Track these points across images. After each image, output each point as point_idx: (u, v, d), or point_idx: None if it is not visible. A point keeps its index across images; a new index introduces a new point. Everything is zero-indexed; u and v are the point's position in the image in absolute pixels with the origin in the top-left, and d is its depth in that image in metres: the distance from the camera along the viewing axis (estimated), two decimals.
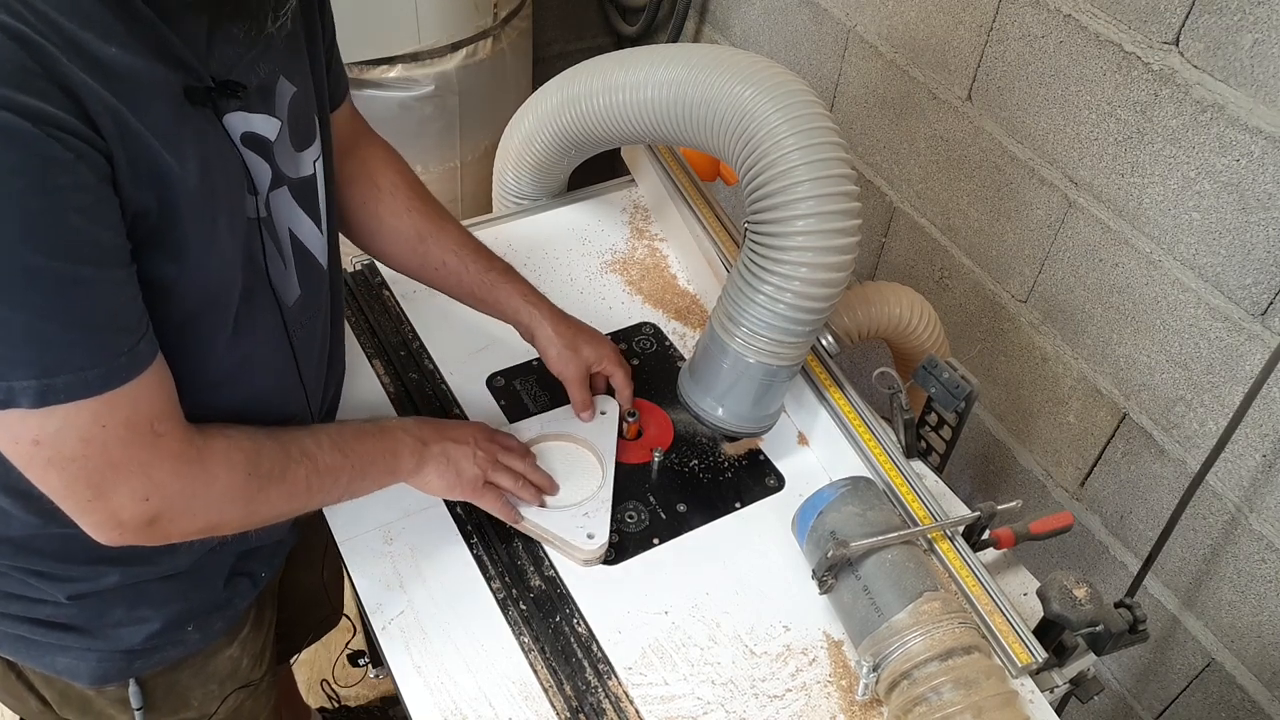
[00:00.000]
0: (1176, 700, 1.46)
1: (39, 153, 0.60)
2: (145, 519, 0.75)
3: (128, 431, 0.71)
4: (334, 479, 0.89)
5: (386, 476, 0.96)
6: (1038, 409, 1.55)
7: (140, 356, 0.70)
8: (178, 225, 0.71)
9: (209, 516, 0.80)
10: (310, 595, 1.32)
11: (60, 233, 0.62)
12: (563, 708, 0.92)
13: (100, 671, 0.94)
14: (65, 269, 0.63)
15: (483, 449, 1.02)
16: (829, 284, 1.00)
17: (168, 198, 0.69)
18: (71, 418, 0.68)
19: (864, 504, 1.00)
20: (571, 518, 1.05)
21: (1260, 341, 1.18)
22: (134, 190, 0.67)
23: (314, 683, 1.82)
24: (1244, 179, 1.14)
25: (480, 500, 1.02)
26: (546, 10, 2.33)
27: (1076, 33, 1.29)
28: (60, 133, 0.61)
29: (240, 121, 0.78)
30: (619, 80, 1.12)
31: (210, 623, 0.99)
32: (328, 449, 0.89)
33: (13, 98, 0.58)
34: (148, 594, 0.92)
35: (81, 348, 0.66)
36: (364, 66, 1.82)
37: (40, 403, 0.66)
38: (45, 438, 0.68)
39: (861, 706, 0.94)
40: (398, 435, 0.96)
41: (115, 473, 0.72)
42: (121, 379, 0.69)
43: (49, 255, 0.62)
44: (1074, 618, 0.94)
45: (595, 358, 1.15)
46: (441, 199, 2.16)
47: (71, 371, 0.66)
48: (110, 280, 0.67)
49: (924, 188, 1.65)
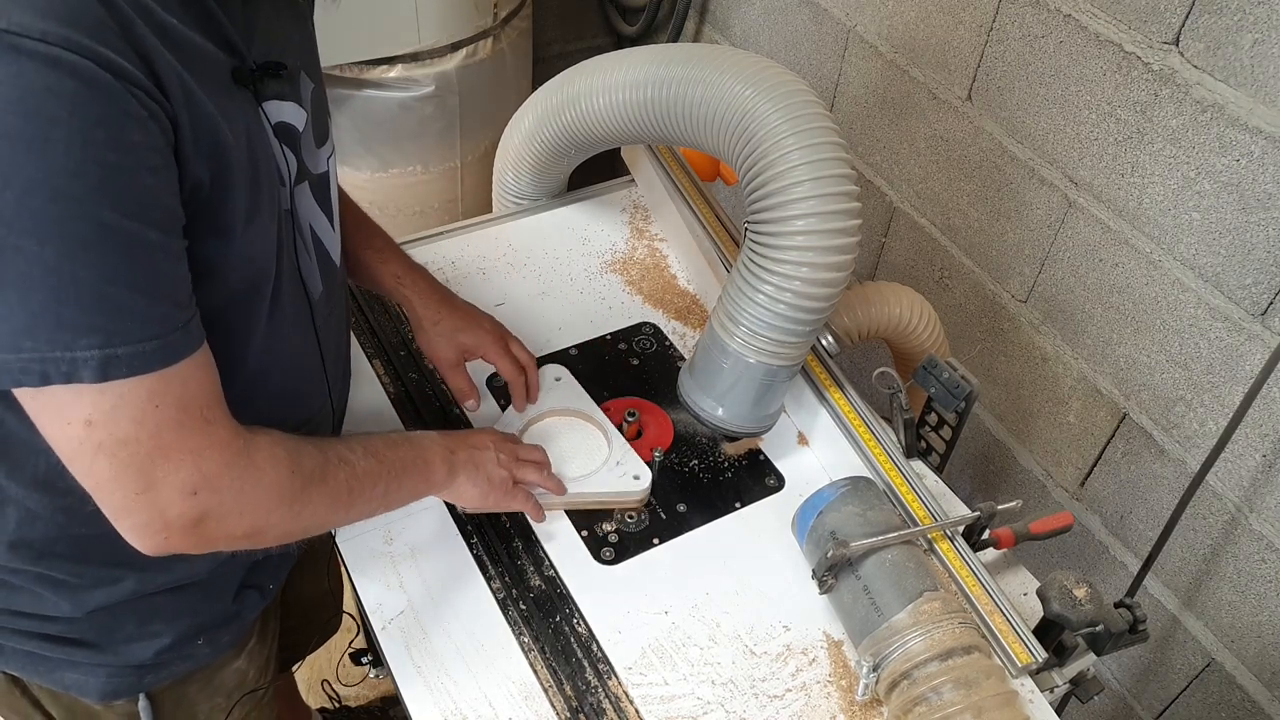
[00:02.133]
0: (1176, 700, 1.46)
1: (120, 106, 0.59)
2: (193, 517, 0.72)
3: (180, 414, 0.69)
4: (372, 484, 0.87)
5: (422, 485, 0.94)
6: (1038, 409, 1.55)
7: (192, 335, 0.69)
8: (228, 201, 0.71)
9: (255, 518, 0.77)
10: (313, 603, 1.31)
11: (134, 190, 0.61)
12: (563, 708, 0.92)
13: (110, 687, 0.92)
14: (135, 229, 0.62)
15: (504, 451, 1.02)
16: (829, 284, 1.00)
17: (221, 172, 0.69)
18: (128, 395, 0.65)
19: (864, 504, 1.00)
20: (610, 472, 1.09)
21: (1260, 341, 1.18)
22: (194, 159, 0.66)
23: (314, 683, 1.82)
24: (1244, 179, 1.14)
25: (512, 502, 1.02)
26: (546, 10, 2.33)
27: (1076, 33, 1.29)
28: (137, 90, 0.60)
29: (275, 110, 0.79)
30: (619, 80, 1.12)
31: (219, 636, 0.98)
32: (361, 455, 0.87)
33: (97, 50, 0.58)
34: (159, 608, 0.91)
35: (142, 317, 0.64)
36: (364, 66, 1.82)
37: (102, 376, 0.63)
38: (99, 417, 0.65)
39: (861, 706, 0.94)
40: (427, 445, 0.95)
41: (166, 459, 0.69)
42: (177, 355, 0.67)
43: (122, 212, 0.61)
44: (1074, 618, 0.94)
45: (473, 344, 1.13)
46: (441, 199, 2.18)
47: (132, 343, 0.64)
48: (171, 249, 0.66)
49: (924, 188, 1.65)
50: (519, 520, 1.08)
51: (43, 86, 0.57)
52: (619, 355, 1.28)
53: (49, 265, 0.60)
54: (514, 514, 1.08)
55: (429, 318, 1.11)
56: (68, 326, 0.62)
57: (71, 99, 0.58)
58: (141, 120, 0.61)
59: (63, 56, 0.57)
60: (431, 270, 1.17)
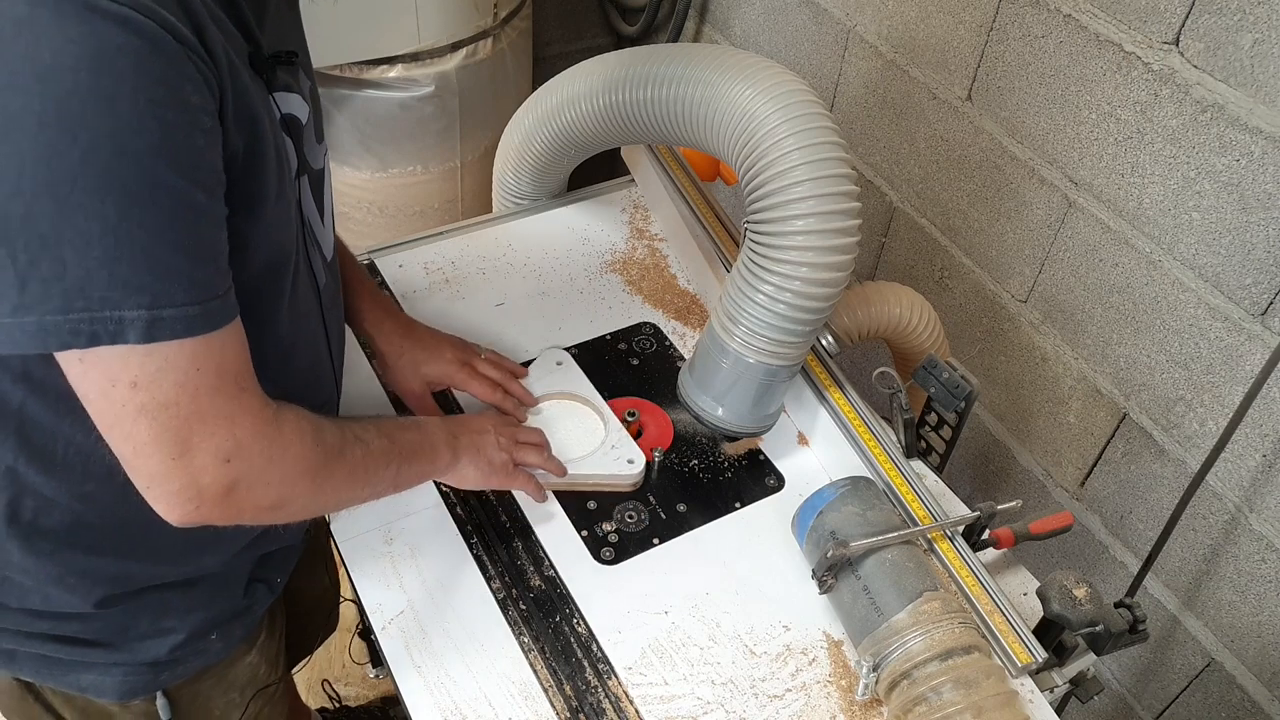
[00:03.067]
0: (1176, 700, 1.46)
1: (179, 68, 0.61)
2: (225, 485, 0.73)
3: (218, 380, 0.70)
4: (385, 463, 0.89)
5: (427, 467, 0.96)
6: (1038, 409, 1.55)
7: (230, 305, 0.70)
8: (260, 173, 0.72)
9: (282, 489, 0.79)
10: (315, 600, 1.32)
11: (190, 153, 0.63)
12: (563, 708, 0.92)
13: (127, 686, 0.93)
14: (189, 191, 0.63)
15: (503, 433, 1.04)
16: (829, 284, 1.00)
17: (255, 145, 0.70)
18: (173, 358, 0.67)
19: (864, 504, 1.00)
20: (605, 455, 1.11)
21: (1260, 341, 1.18)
22: (235, 129, 0.67)
23: (314, 683, 1.82)
24: (1244, 179, 1.14)
25: (513, 483, 1.04)
26: (546, 10, 2.33)
27: (1076, 33, 1.29)
28: (193, 54, 0.62)
29: (283, 102, 0.80)
30: (619, 80, 1.12)
31: (231, 630, 0.98)
32: (375, 435, 0.89)
33: (161, 13, 0.60)
34: (171, 604, 0.91)
35: (187, 280, 0.65)
36: (364, 66, 1.82)
37: (148, 337, 0.64)
38: (144, 379, 0.66)
39: (861, 706, 0.94)
40: (431, 429, 0.97)
41: (203, 424, 0.71)
42: (219, 321, 0.68)
43: (178, 173, 0.62)
44: (1074, 618, 0.94)
45: (437, 375, 1.14)
46: (441, 199, 2.18)
47: (177, 305, 0.65)
48: (216, 214, 0.67)
49: (924, 188, 1.65)
50: (519, 520, 1.08)
51: (114, 45, 0.58)
52: (619, 355, 1.28)
53: (109, 222, 0.61)
54: (514, 513, 1.08)
55: (391, 353, 1.13)
56: (119, 285, 0.63)
57: (137, 57, 0.59)
58: (197, 83, 0.62)
59: (130, 17, 0.58)
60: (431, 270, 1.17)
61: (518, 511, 1.09)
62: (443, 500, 1.09)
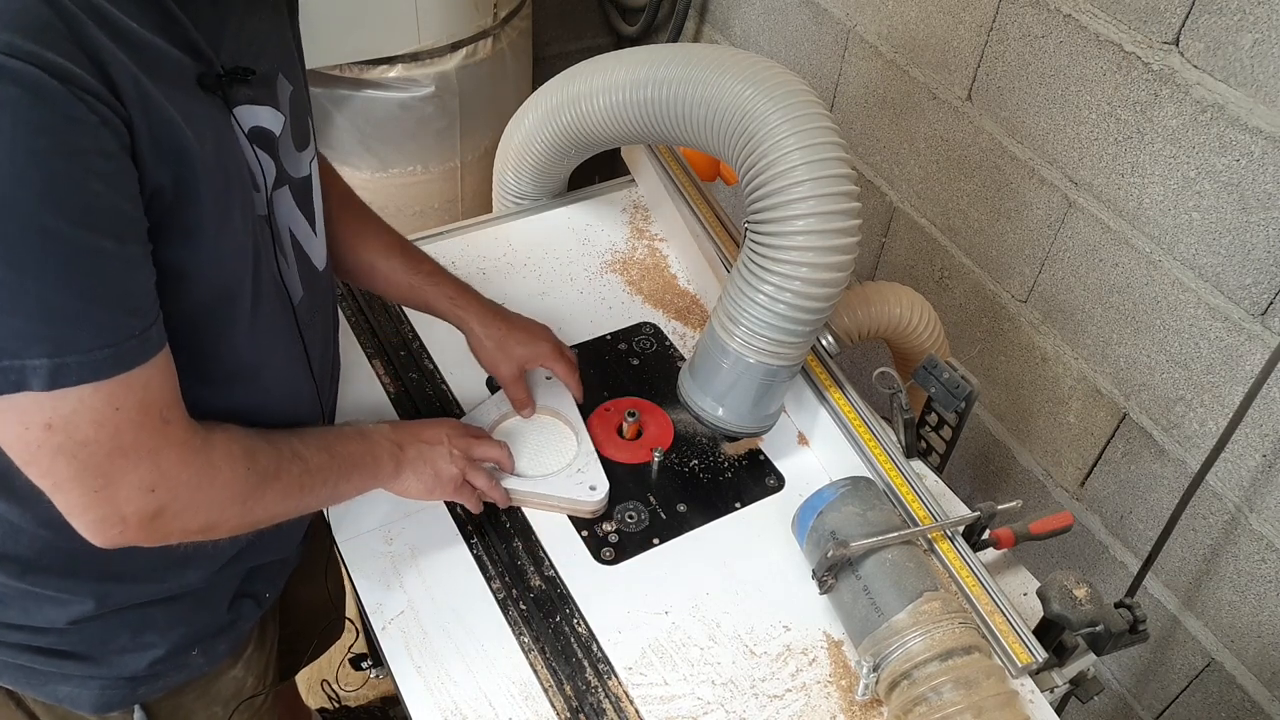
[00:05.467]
0: (1176, 700, 1.46)
1: (64, 112, 0.58)
2: (149, 513, 0.73)
3: (140, 415, 0.69)
4: (323, 479, 0.89)
5: (368, 480, 0.96)
6: (1038, 409, 1.55)
7: (150, 342, 0.69)
8: (193, 205, 0.70)
9: (210, 513, 0.79)
10: (314, 609, 1.31)
11: (81, 198, 0.61)
12: (563, 708, 0.92)
13: (104, 699, 0.92)
14: (83, 237, 0.61)
15: (457, 446, 1.02)
16: (829, 284, 1.00)
17: (185, 175, 0.68)
18: (87, 400, 0.66)
19: (864, 504, 1.00)
20: (568, 478, 1.09)
21: (1260, 341, 1.18)
22: (154, 164, 0.65)
23: (314, 683, 1.82)
24: (1244, 179, 1.14)
25: (460, 498, 1.03)
26: (546, 10, 2.33)
27: (1076, 33, 1.29)
28: (86, 94, 0.59)
29: (249, 115, 0.78)
30: (619, 80, 1.12)
31: (214, 645, 0.98)
32: (314, 449, 0.88)
33: (41, 54, 0.57)
34: (151, 619, 0.91)
35: (93, 325, 0.64)
36: (364, 66, 1.82)
37: (51, 384, 0.63)
38: (58, 421, 0.66)
39: (861, 706, 0.94)
40: (377, 439, 0.96)
41: (125, 459, 0.70)
42: (132, 362, 0.67)
43: (69, 221, 0.60)
44: (1074, 618, 0.94)
45: (529, 355, 1.15)
46: (441, 199, 2.18)
47: (82, 351, 0.64)
48: (127, 256, 0.65)
49: (924, 188, 1.65)
50: (519, 520, 1.08)
51: None
52: (619, 355, 1.28)
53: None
54: (514, 513, 1.08)
55: (489, 335, 1.13)
56: (16, 336, 0.62)
57: (13, 106, 0.57)
58: (90, 125, 0.60)
59: (4, 64, 0.56)
60: None
61: (518, 511, 1.09)
62: (443, 500, 1.09)
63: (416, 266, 1.12)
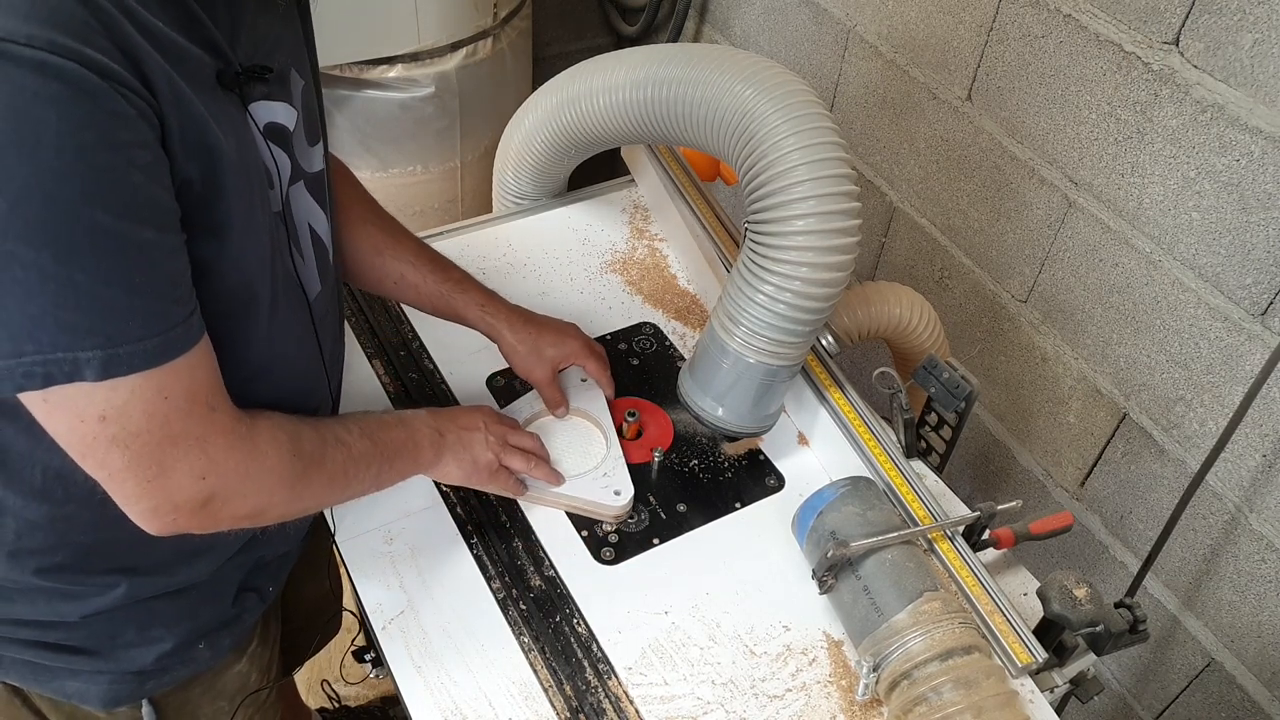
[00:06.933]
0: (1176, 700, 1.46)
1: (106, 107, 0.59)
2: (201, 499, 0.75)
3: (188, 404, 0.71)
4: (366, 465, 0.90)
5: (411, 466, 0.97)
6: (1038, 409, 1.55)
7: (193, 330, 0.70)
8: (221, 200, 0.71)
9: (259, 498, 0.80)
10: (315, 605, 1.31)
11: (125, 191, 0.62)
12: (563, 708, 0.92)
13: (112, 694, 0.92)
14: (129, 230, 0.62)
15: (493, 433, 1.04)
16: (829, 284, 1.00)
17: (212, 170, 0.69)
18: (138, 389, 0.67)
19: (864, 504, 1.00)
20: (594, 481, 1.09)
21: (1260, 341, 1.18)
22: (183, 157, 0.66)
23: (314, 683, 1.82)
24: (1244, 179, 1.14)
25: (495, 484, 1.04)
26: (546, 10, 2.33)
27: (1076, 33, 1.29)
28: (123, 89, 0.60)
29: (264, 112, 0.78)
30: (619, 80, 1.12)
31: (220, 639, 0.98)
32: (357, 435, 0.89)
33: (81, 51, 0.58)
34: (158, 613, 0.91)
35: (141, 315, 0.65)
36: (364, 66, 1.82)
37: (104, 375, 0.65)
38: (112, 412, 0.67)
39: (861, 706, 0.94)
40: (417, 426, 0.97)
41: (175, 447, 0.71)
42: (179, 349, 0.68)
43: (116, 214, 0.61)
44: (1074, 618, 0.94)
45: (560, 355, 1.16)
46: (441, 199, 2.17)
47: (133, 341, 0.65)
48: (169, 245, 0.67)
49: (924, 188, 1.65)
50: (519, 520, 1.08)
51: (30, 92, 0.57)
52: (619, 355, 1.28)
53: (46, 271, 0.60)
54: (514, 513, 1.09)
55: (521, 340, 1.14)
56: (68, 330, 0.63)
57: (58, 102, 0.58)
58: (129, 119, 0.61)
59: (48, 60, 0.57)
60: None
61: (518, 511, 1.09)
62: (443, 500, 1.09)
63: (445, 274, 1.13)
